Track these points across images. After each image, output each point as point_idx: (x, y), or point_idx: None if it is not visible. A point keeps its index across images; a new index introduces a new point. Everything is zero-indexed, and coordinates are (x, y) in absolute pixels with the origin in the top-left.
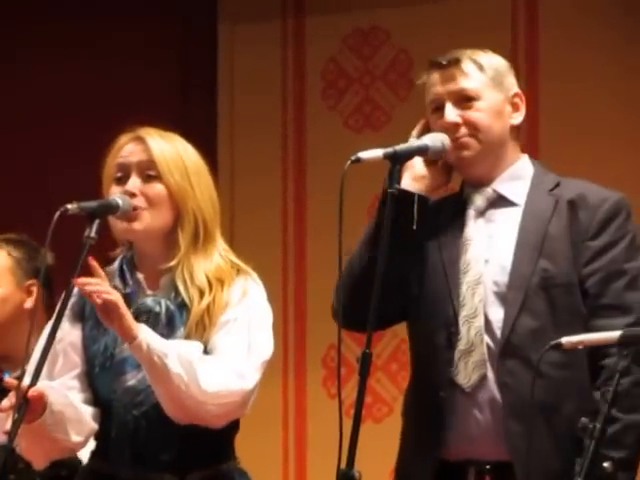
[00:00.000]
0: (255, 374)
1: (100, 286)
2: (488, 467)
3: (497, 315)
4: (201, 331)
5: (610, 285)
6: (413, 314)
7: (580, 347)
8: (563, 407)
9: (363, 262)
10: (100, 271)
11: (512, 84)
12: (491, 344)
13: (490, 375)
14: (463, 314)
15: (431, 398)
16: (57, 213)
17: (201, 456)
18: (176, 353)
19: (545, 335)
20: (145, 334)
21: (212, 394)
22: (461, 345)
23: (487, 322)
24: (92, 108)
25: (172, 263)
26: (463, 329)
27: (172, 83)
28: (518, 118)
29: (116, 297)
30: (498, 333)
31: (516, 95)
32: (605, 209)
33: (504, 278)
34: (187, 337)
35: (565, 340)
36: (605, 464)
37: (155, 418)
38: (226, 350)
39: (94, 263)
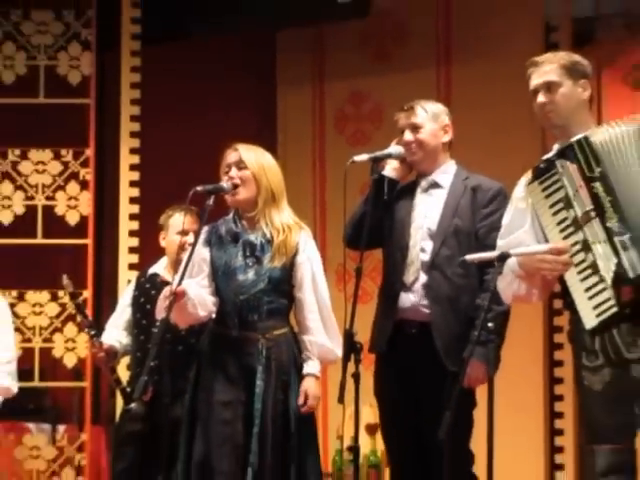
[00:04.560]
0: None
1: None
2: (420, 324)
3: (428, 246)
4: (282, 255)
5: (491, 234)
6: (385, 244)
7: (476, 261)
8: (461, 299)
9: (359, 213)
10: None
11: (445, 119)
12: (424, 261)
13: (421, 278)
14: (411, 243)
15: (392, 288)
16: (191, 192)
17: (278, 317)
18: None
19: (454, 259)
20: (312, 373)
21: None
22: (409, 261)
23: (422, 249)
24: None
25: (253, 213)
26: (412, 252)
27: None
28: (447, 138)
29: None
30: (428, 256)
31: (446, 125)
32: (491, 192)
33: (434, 227)
34: (272, 258)
35: (468, 257)
36: (489, 324)
37: (253, 299)
38: (318, 319)
39: None
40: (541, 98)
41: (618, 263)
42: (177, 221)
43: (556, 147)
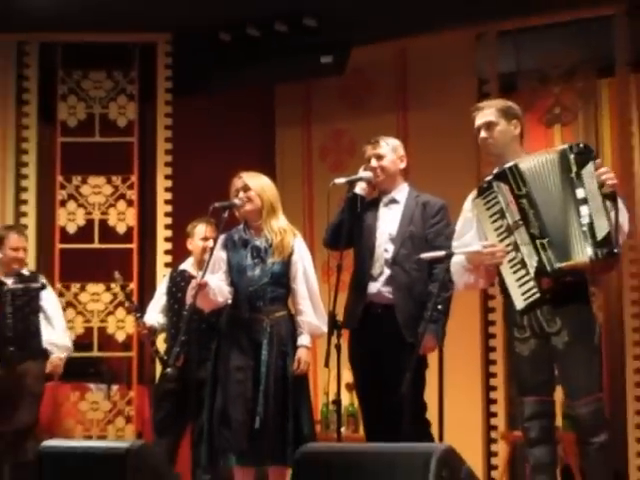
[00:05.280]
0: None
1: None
2: (384, 306)
3: (390, 247)
4: (279, 253)
5: (438, 237)
6: (356, 245)
7: (429, 258)
8: (416, 287)
9: (336, 221)
10: None
11: (401, 151)
12: (387, 258)
13: (385, 272)
14: (377, 245)
15: (362, 279)
16: (211, 207)
17: (278, 303)
18: (309, 341)
19: (411, 257)
20: (304, 345)
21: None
22: (375, 258)
23: (386, 250)
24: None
25: (260, 222)
26: (377, 252)
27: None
28: (402, 165)
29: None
30: (390, 255)
31: (402, 156)
32: (437, 206)
33: (394, 232)
34: (273, 255)
35: (423, 255)
36: (439, 306)
37: (259, 290)
38: (309, 303)
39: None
40: (483, 134)
41: (539, 260)
42: (200, 230)
43: (495, 171)
